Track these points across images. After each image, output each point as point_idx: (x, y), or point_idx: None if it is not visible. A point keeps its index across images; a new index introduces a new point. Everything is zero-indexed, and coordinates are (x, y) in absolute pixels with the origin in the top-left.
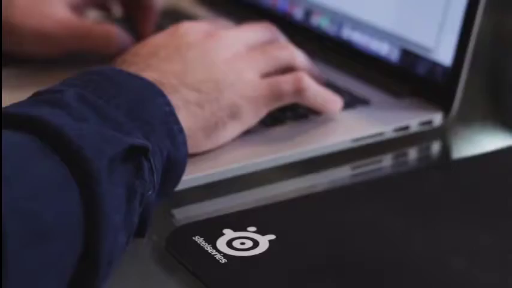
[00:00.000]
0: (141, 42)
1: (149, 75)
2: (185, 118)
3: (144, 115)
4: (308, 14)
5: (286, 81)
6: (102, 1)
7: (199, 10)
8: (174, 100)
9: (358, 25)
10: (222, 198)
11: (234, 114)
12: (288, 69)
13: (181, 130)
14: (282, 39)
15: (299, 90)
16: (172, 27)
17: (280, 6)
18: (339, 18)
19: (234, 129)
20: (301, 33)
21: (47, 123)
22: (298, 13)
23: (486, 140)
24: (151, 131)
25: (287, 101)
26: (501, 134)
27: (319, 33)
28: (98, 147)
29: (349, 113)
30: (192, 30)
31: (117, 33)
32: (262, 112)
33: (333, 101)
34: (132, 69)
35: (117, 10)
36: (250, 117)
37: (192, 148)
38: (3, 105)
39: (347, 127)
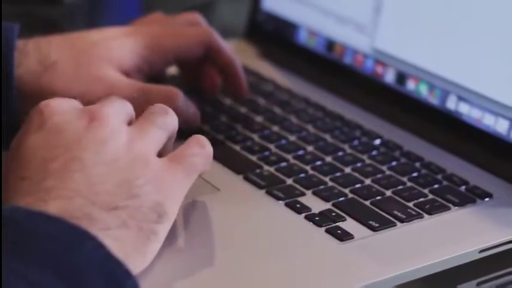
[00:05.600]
0: (11, 149)
1: (57, 207)
2: (112, 248)
3: (74, 270)
4: (401, 77)
5: (195, 154)
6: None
7: (264, 68)
8: (93, 233)
9: (467, 95)
10: None
11: (160, 215)
12: None
13: (128, 273)
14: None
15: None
16: (33, 116)
17: (366, 66)
18: (442, 85)
19: (164, 232)
20: (392, 100)
21: None
22: (388, 76)
23: None
24: None
25: (200, 173)
26: None
27: (416, 102)
28: None
29: (470, 211)
30: (63, 115)
31: (180, 96)
32: (182, 197)
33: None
34: (32, 201)
35: None
36: (175, 210)
37: None
38: None
39: (471, 232)
